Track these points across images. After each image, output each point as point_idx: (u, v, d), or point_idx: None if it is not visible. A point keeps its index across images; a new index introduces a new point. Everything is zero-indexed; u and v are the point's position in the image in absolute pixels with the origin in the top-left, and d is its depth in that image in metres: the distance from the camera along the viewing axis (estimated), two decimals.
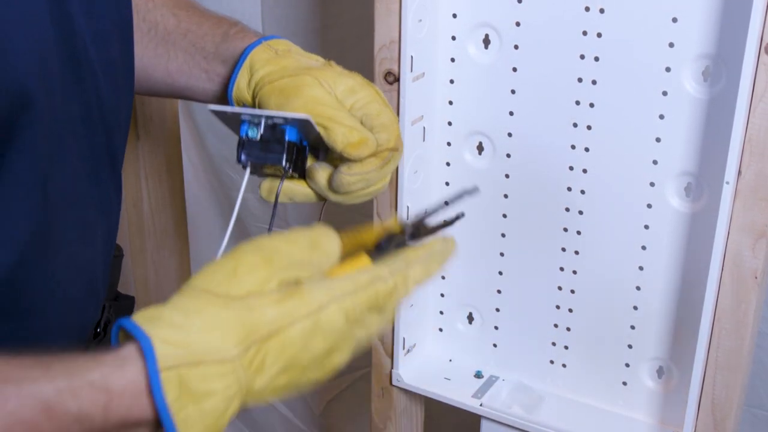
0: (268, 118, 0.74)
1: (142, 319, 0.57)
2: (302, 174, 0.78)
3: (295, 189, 0.79)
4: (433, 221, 0.70)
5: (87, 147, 0.79)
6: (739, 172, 0.79)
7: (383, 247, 0.67)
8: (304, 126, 0.74)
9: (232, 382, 0.57)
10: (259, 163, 0.75)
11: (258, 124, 0.74)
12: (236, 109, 0.75)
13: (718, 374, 0.86)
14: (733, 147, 0.78)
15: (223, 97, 0.86)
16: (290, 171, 0.76)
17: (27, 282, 0.74)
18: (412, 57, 0.90)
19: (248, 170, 0.76)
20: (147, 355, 0.55)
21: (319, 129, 0.75)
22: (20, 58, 0.67)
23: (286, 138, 0.74)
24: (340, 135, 0.75)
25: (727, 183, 0.80)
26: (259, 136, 0.74)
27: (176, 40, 0.88)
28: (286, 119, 0.74)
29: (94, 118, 0.79)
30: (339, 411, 1.64)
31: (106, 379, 0.56)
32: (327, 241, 0.65)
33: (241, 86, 0.81)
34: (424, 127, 0.95)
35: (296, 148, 0.75)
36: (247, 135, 0.74)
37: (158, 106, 1.37)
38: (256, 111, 0.75)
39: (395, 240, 0.68)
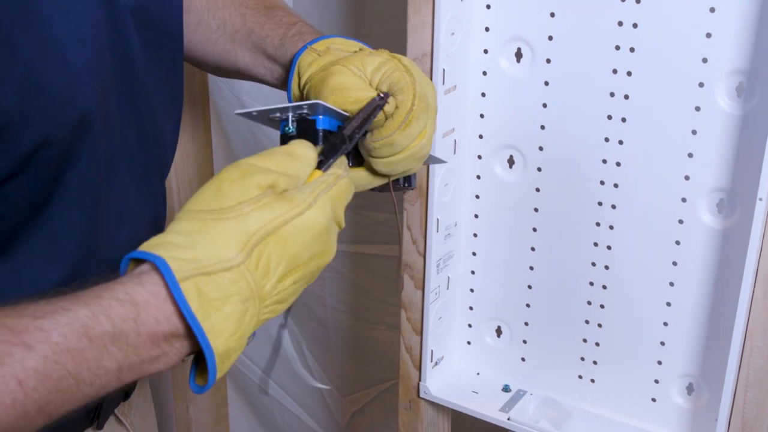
0: (294, 112, 0.75)
1: (149, 247, 0.61)
2: (357, 160, 0.79)
3: (357, 178, 0.78)
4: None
5: (140, 164, 0.81)
6: None
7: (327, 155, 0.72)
8: (327, 111, 0.75)
9: (243, 286, 0.61)
10: None
11: (289, 120, 0.75)
12: (258, 109, 0.76)
13: (749, 392, 0.86)
14: (767, 163, 0.78)
15: (281, 81, 0.89)
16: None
17: None
18: (444, 70, 0.90)
19: None
20: (164, 271, 0.59)
21: (341, 110, 0.76)
22: (83, 84, 0.69)
23: (318, 127, 0.75)
24: (358, 108, 0.76)
25: (760, 200, 0.79)
26: (295, 131, 0.75)
27: (242, 39, 0.91)
28: (304, 108, 0.75)
29: (147, 134, 0.81)
30: (364, 423, 1.64)
31: (130, 293, 0.59)
32: (302, 149, 0.68)
33: (294, 91, 0.84)
34: (455, 140, 0.95)
35: (332, 134, 0.76)
36: (284, 132, 0.75)
37: (191, 117, 1.39)
38: (274, 106, 0.76)
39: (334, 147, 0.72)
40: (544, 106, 0.92)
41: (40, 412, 0.55)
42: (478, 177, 0.99)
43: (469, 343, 1.07)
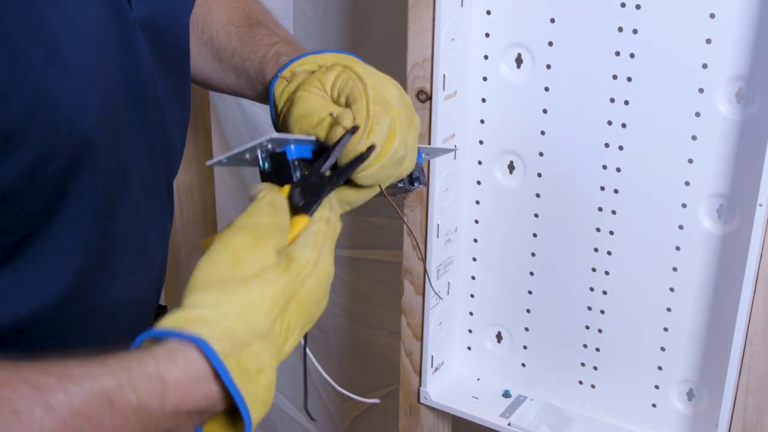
0: (261, 150, 0.75)
1: (177, 324, 0.60)
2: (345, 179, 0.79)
3: (348, 195, 0.78)
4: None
5: (150, 175, 0.81)
6: None
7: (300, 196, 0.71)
8: (289, 141, 0.75)
9: (273, 354, 0.63)
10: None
11: (259, 158, 0.75)
12: (226, 155, 0.76)
13: (749, 398, 0.86)
14: (767, 169, 0.78)
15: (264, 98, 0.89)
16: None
17: (80, 308, 0.75)
18: (444, 76, 0.90)
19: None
20: (207, 351, 0.59)
21: (303, 137, 0.76)
22: (90, 96, 0.69)
23: (288, 158, 0.75)
24: (324, 137, 0.76)
25: (760, 205, 0.79)
26: (270, 167, 0.75)
27: (226, 58, 0.91)
28: (267, 144, 0.75)
29: (157, 146, 0.81)
30: (364, 428, 1.64)
31: (161, 371, 0.58)
32: (278, 199, 0.69)
33: (277, 121, 0.84)
34: (455, 145, 0.96)
35: (308, 161, 0.76)
36: (262, 170, 0.76)
37: (191, 123, 1.39)
38: (240, 148, 0.76)
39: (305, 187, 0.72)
40: (545, 111, 0.92)
41: None
42: (479, 182, 0.99)
43: (469, 348, 1.07)
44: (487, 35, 0.93)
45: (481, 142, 0.97)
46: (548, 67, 0.90)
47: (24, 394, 0.54)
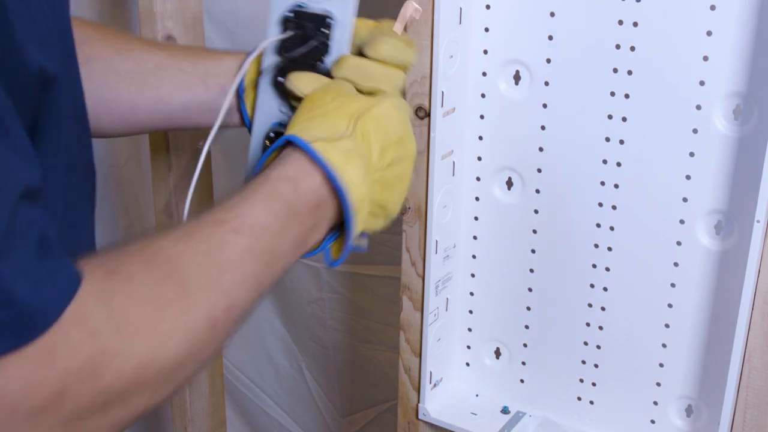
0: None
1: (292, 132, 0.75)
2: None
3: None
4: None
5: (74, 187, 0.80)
6: None
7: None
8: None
9: (358, 148, 0.75)
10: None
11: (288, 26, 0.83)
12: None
13: (747, 414, 0.86)
14: (764, 185, 0.78)
15: (216, 101, 0.90)
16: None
17: None
18: (443, 92, 0.91)
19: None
20: (297, 141, 0.73)
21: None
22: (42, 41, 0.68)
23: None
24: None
25: (758, 222, 0.79)
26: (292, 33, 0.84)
27: (169, 66, 0.91)
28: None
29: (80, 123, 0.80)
30: None
31: (283, 174, 0.72)
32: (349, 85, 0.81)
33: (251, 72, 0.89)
34: (453, 162, 0.96)
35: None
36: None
37: (191, 136, 1.39)
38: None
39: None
40: (543, 128, 0.92)
41: (257, 286, 0.67)
42: (477, 199, 0.99)
43: (468, 364, 1.07)
44: (486, 52, 0.93)
45: (479, 159, 0.97)
46: (546, 84, 0.91)
47: (215, 230, 0.66)
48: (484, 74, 0.94)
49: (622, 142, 0.89)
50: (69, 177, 0.75)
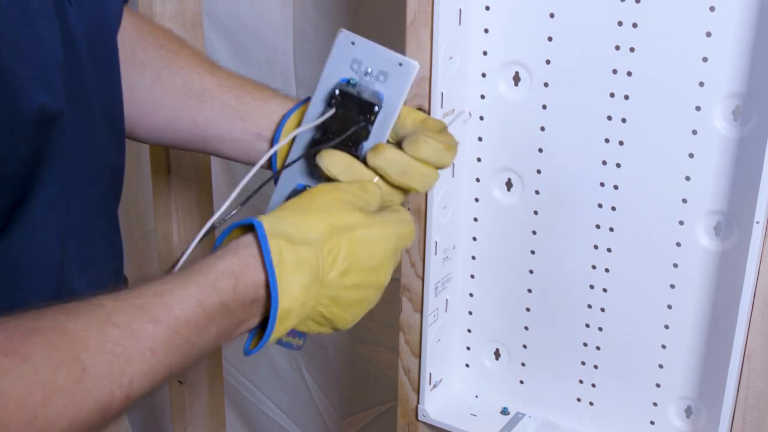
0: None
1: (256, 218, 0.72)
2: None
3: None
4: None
5: (90, 199, 0.81)
6: None
7: None
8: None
9: (315, 263, 0.71)
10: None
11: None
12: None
13: (747, 415, 0.86)
14: (764, 186, 0.78)
15: (250, 148, 0.90)
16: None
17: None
18: (442, 93, 0.91)
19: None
20: (258, 229, 0.69)
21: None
22: (40, 78, 0.69)
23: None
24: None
25: (758, 222, 0.79)
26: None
27: (215, 94, 0.91)
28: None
29: (97, 132, 0.80)
30: None
31: (229, 267, 0.69)
32: (372, 186, 0.78)
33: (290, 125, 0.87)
34: (453, 163, 0.96)
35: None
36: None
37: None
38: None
39: None
40: (542, 129, 0.92)
41: (165, 375, 0.65)
42: (477, 200, 0.99)
43: (467, 365, 1.07)
44: (485, 53, 0.93)
45: (479, 160, 0.97)
46: (546, 85, 0.91)
47: (135, 316, 0.63)
48: (484, 75, 0.94)
49: (621, 143, 0.89)
50: (72, 207, 0.76)
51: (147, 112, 0.92)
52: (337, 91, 0.78)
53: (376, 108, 0.78)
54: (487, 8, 0.91)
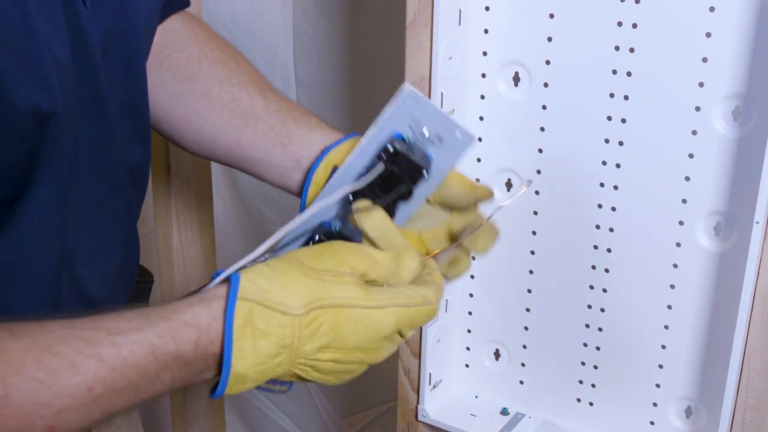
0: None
1: (243, 269, 0.68)
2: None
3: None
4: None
5: (101, 195, 0.80)
6: None
7: None
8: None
9: (287, 333, 0.67)
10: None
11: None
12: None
13: (747, 415, 0.86)
14: (764, 186, 0.78)
15: (287, 175, 0.89)
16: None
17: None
18: (442, 94, 0.91)
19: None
20: (233, 284, 0.66)
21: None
22: (38, 78, 0.69)
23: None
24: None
25: (757, 223, 0.79)
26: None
27: (261, 116, 0.90)
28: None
29: (110, 165, 0.80)
30: None
31: (196, 317, 0.66)
32: (409, 258, 0.74)
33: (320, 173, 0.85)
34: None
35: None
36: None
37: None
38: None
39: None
40: (542, 129, 0.92)
41: (102, 414, 0.63)
42: None
43: (467, 365, 1.07)
44: (485, 53, 0.93)
45: (479, 160, 0.97)
46: (546, 85, 0.91)
47: (79, 349, 0.61)
48: (484, 76, 0.94)
49: (621, 143, 0.89)
50: (74, 202, 0.76)
51: (192, 124, 0.91)
52: (390, 147, 0.77)
53: (425, 172, 0.77)
54: (487, 8, 0.91)
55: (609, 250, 0.93)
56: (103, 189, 0.81)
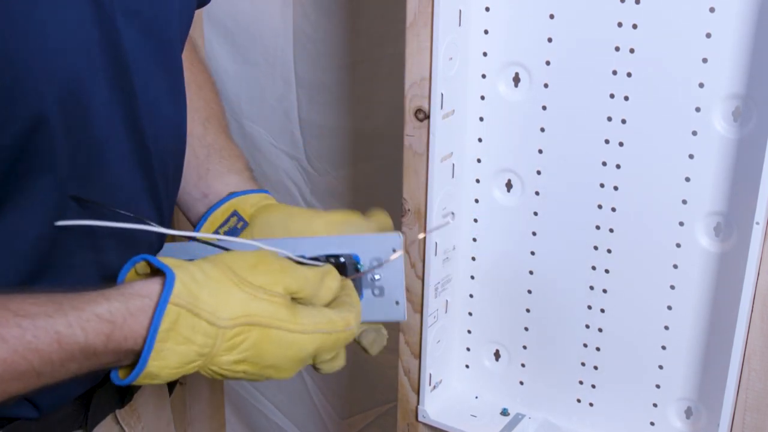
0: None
1: (171, 262, 0.67)
2: None
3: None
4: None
5: (126, 183, 0.80)
6: None
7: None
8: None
9: (209, 343, 0.67)
10: None
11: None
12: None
13: (747, 416, 0.86)
14: (764, 187, 0.78)
15: (191, 204, 0.93)
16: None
17: None
18: (442, 94, 0.91)
19: None
20: (167, 285, 0.66)
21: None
22: (45, 84, 0.69)
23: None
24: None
25: (757, 223, 0.79)
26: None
27: (192, 143, 0.93)
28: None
29: (138, 152, 0.80)
30: None
31: (112, 312, 0.65)
32: (332, 280, 0.76)
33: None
34: (453, 164, 0.96)
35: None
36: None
37: None
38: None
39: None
40: (542, 130, 0.92)
41: (1, 394, 0.62)
42: (477, 201, 0.99)
43: (467, 366, 1.07)
44: (485, 54, 0.93)
45: (479, 161, 0.97)
46: (546, 86, 0.91)
47: None
48: (484, 76, 0.94)
49: (621, 144, 0.89)
50: (79, 185, 0.75)
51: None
52: (342, 260, 0.81)
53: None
54: (487, 9, 0.91)
55: (609, 251, 0.93)
56: (117, 173, 0.81)
